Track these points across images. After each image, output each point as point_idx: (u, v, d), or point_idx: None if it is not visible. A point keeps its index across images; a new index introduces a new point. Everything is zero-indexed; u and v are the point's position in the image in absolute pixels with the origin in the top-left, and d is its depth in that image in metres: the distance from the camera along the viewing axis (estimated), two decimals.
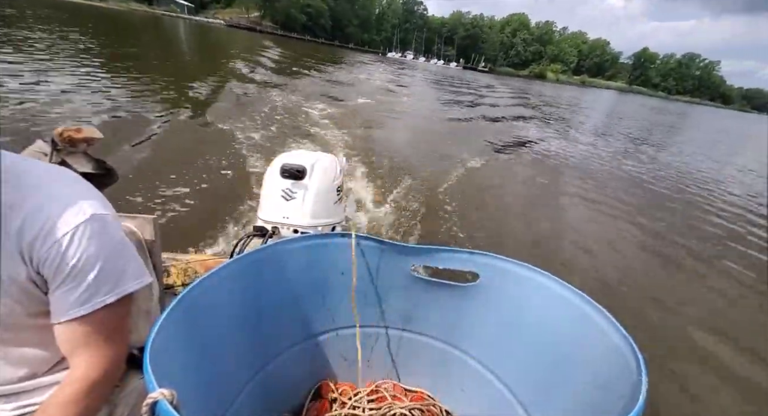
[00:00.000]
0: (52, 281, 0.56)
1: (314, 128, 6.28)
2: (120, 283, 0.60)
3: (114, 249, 0.60)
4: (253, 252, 0.81)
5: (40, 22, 13.89)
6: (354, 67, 24.16)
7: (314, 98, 9.00)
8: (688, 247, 4.06)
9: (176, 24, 35.26)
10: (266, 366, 0.93)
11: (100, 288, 0.58)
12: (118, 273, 0.60)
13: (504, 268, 0.88)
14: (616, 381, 0.63)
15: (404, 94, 13.97)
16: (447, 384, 1.06)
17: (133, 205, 2.78)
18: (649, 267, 3.53)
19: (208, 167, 3.79)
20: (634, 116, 23.55)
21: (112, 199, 0.66)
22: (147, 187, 3.09)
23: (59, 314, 0.57)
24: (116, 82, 6.79)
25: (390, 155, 5.38)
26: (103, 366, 0.59)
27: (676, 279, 3.40)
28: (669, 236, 4.29)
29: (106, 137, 0.97)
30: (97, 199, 0.61)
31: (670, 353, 2.37)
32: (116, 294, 0.59)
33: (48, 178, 0.58)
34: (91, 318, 0.58)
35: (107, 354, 0.60)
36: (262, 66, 13.67)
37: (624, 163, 7.86)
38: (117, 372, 0.64)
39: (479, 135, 8.26)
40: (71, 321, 0.57)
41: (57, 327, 0.58)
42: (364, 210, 3.52)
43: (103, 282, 0.58)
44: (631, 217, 4.70)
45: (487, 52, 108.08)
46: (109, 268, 0.58)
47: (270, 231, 1.46)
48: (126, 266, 0.61)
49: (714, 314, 2.90)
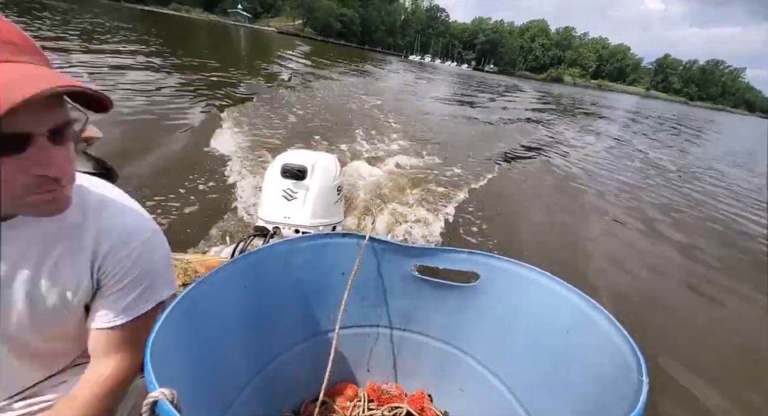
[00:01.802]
0: (108, 289, 0.59)
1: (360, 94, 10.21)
2: (159, 292, 0.63)
3: (164, 262, 0.65)
4: (254, 252, 0.82)
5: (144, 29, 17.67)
6: (383, 64, 31.67)
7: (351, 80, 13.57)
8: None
9: (240, 31, 44.38)
10: (267, 366, 0.93)
11: (145, 298, 0.61)
12: (161, 284, 0.64)
13: (504, 268, 0.88)
14: (616, 382, 0.64)
15: (421, 80, 20.93)
16: (447, 385, 1.06)
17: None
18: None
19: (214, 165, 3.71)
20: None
21: None
22: (148, 187, 3.07)
23: (103, 320, 0.59)
24: (186, 69, 8.32)
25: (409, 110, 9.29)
26: (131, 367, 0.62)
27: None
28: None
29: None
30: (148, 215, 0.65)
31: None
32: (154, 302, 0.63)
33: (109, 195, 0.62)
34: (130, 324, 0.60)
35: (135, 357, 0.62)
36: (304, 62, 17.50)
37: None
38: (137, 373, 0.66)
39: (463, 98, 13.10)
40: (113, 327, 0.59)
41: (96, 332, 0.60)
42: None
43: (149, 292, 0.61)
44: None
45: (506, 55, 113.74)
46: (158, 280, 0.63)
47: (271, 231, 1.48)
48: (167, 276, 0.66)
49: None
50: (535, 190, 5.05)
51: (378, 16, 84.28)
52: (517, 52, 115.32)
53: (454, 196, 4.11)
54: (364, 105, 8.82)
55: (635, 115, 24.46)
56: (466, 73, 54.52)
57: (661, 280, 3.18)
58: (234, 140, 4.45)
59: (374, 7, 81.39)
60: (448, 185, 4.39)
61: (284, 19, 66.03)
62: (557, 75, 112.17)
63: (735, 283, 3.32)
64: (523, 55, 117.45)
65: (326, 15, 65.16)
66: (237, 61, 13.39)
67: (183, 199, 2.96)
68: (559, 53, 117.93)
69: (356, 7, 73.50)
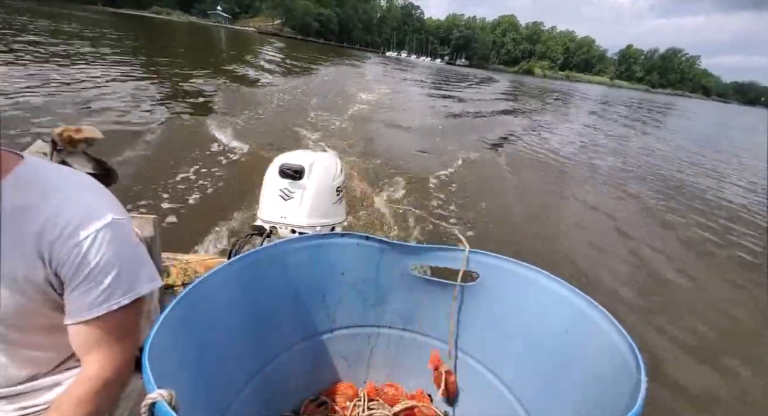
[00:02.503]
0: (70, 282, 0.58)
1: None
2: (135, 286, 0.62)
3: (131, 253, 0.63)
4: (253, 253, 0.82)
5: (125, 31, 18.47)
6: (360, 60, 34.20)
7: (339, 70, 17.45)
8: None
9: (221, 31, 46.18)
10: (266, 367, 0.93)
11: (116, 291, 0.59)
12: (134, 276, 0.62)
13: (503, 268, 0.89)
14: (615, 381, 0.64)
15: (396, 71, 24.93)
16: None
17: (133, 205, 2.76)
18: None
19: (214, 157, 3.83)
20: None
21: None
22: (147, 184, 3.07)
23: (75, 315, 0.59)
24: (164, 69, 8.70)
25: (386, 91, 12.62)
26: (116, 365, 0.61)
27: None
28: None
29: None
30: (114, 203, 0.63)
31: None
32: (131, 296, 0.61)
33: (67, 181, 0.60)
34: (106, 319, 0.59)
35: (120, 354, 0.62)
36: (282, 60, 18.41)
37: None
38: (129, 372, 0.65)
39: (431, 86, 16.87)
40: (87, 322, 0.59)
41: (72, 328, 0.60)
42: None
43: (119, 285, 0.60)
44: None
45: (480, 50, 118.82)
46: (126, 271, 0.61)
47: (268, 230, 1.49)
48: (141, 269, 0.64)
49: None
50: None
51: (355, 14, 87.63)
52: (490, 47, 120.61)
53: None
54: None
55: (605, 104, 26.93)
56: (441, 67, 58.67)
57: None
58: (235, 139, 4.50)
59: (351, 6, 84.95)
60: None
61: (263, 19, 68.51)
62: (528, 67, 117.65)
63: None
64: (496, 49, 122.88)
65: (304, 14, 68.35)
66: (231, 59, 14.66)
67: (183, 198, 2.95)
68: (530, 47, 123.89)
69: (333, 6, 76.77)
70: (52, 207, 0.56)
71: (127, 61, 9.28)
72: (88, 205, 0.59)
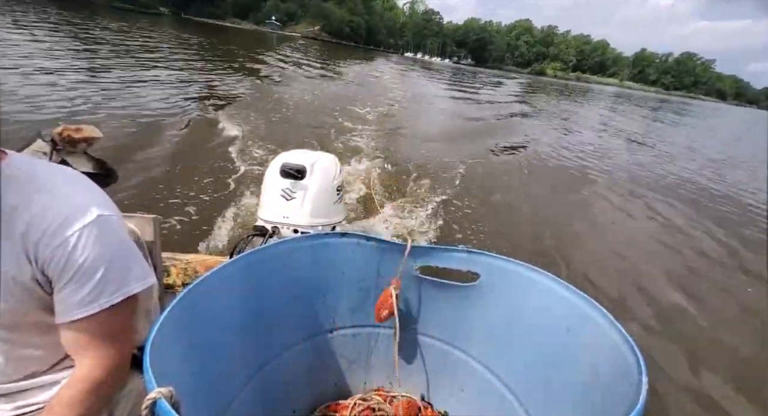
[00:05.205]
0: (57, 281, 0.57)
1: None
2: (125, 284, 0.61)
3: (120, 250, 0.61)
4: (254, 252, 0.82)
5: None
6: (385, 60, 42.23)
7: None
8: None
9: (273, 37, 51.84)
10: (266, 366, 0.93)
11: (105, 289, 0.58)
12: (123, 274, 0.61)
13: (504, 268, 0.89)
14: (616, 381, 0.64)
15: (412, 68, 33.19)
16: (447, 384, 1.06)
17: (134, 205, 2.76)
18: None
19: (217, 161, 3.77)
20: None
21: (112, 197, 0.68)
22: (147, 184, 3.09)
23: (64, 314, 0.58)
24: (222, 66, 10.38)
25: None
26: (108, 365, 0.60)
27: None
28: None
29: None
30: (102, 200, 0.62)
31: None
32: (121, 295, 0.60)
33: (54, 178, 0.59)
34: (96, 318, 0.58)
35: (112, 354, 0.61)
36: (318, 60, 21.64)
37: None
38: (122, 372, 0.65)
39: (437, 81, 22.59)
40: (76, 321, 0.58)
41: (62, 327, 0.59)
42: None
43: (108, 283, 0.58)
44: None
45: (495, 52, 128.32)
46: (115, 269, 0.59)
47: (270, 230, 1.49)
48: (131, 267, 0.62)
49: None
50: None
51: (380, 20, 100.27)
52: (504, 49, 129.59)
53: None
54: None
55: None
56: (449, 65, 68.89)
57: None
58: (238, 140, 4.54)
59: (377, 14, 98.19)
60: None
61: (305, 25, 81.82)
62: (540, 69, 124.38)
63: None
64: (510, 51, 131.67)
65: (338, 22, 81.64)
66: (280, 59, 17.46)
67: (182, 198, 2.98)
68: (543, 49, 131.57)
69: (363, 14, 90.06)
70: (36, 204, 0.55)
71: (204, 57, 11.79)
72: (75, 201, 0.58)
